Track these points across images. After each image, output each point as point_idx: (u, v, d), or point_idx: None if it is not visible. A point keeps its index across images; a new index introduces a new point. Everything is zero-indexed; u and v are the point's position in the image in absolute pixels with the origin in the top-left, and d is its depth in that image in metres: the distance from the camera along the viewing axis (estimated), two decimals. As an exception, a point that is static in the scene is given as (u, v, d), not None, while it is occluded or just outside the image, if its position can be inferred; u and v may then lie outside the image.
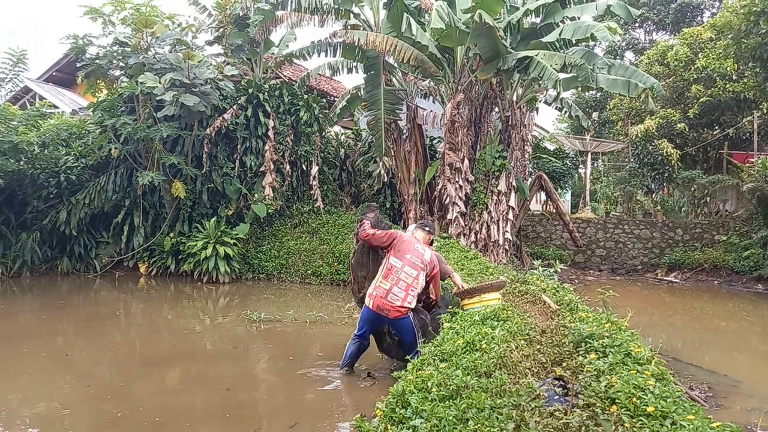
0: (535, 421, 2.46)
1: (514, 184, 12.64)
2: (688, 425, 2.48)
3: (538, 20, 12.44)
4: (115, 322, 9.10)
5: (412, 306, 5.44)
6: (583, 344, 3.87)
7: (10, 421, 4.69)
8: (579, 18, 11.80)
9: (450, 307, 5.85)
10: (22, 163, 12.41)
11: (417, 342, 5.39)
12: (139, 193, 12.82)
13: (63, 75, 19.53)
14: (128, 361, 6.76)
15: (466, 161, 12.41)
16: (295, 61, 15.08)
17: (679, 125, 19.21)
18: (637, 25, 29.68)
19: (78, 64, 12.95)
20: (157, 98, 11.74)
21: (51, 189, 12.75)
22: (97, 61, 12.58)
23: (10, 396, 5.28)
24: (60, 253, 13.17)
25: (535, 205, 19.50)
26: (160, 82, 11.52)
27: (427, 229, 6.01)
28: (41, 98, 18.13)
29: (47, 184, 12.75)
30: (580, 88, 14.99)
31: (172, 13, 13.17)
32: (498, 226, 12.38)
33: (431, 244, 6.21)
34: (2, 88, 11.97)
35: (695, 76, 18.86)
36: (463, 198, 12.39)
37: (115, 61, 12.81)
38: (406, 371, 3.83)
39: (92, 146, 13.04)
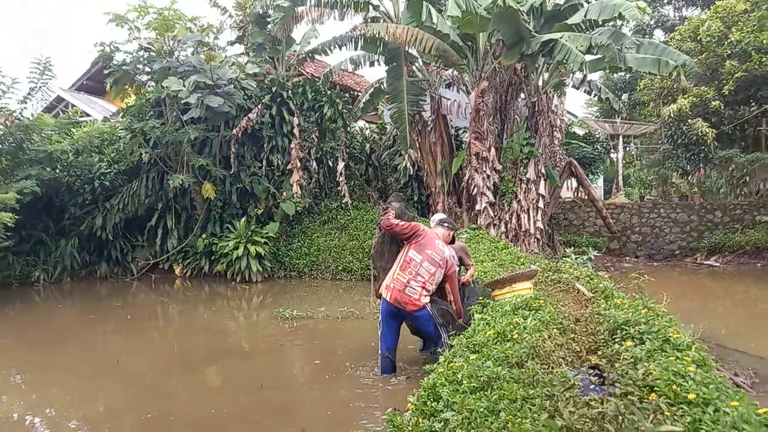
0: (570, 411, 2.38)
1: (543, 171, 12.42)
2: (732, 412, 2.36)
3: (561, 1, 12.15)
4: (154, 324, 9.30)
5: (428, 300, 5.33)
6: (618, 331, 3.74)
7: (58, 421, 4.83)
8: (604, -3, 11.47)
9: (480, 297, 5.76)
10: (57, 171, 12.76)
11: (440, 330, 5.32)
12: (170, 196, 13.04)
13: (93, 83, 20.01)
14: (167, 362, 6.89)
15: (493, 150, 12.24)
16: (317, 57, 15.10)
17: (713, 103, 18.52)
18: (665, 1, 28.75)
19: (105, 71, 13.21)
20: (183, 101, 11.90)
21: (86, 195, 13.08)
22: (124, 67, 12.80)
23: (57, 397, 5.44)
24: (98, 257, 13.50)
25: (566, 193, 19.13)
26: (184, 86, 11.68)
27: (446, 225, 5.90)
28: (74, 107, 18.63)
29: (82, 190, 13.09)
30: (608, 70, 14.59)
31: (194, 16, 13.33)
32: (528, 215, 12.19)
33: (453, 240, 6.10)
34: (33, 98, 12.26)
35: (729, 51, 18.14)
36: (491, 188, 12.23)
37: (140, 66, 13.03)
38: (437, 364, 3.78)
39: (123, 152, 13.31)
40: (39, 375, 6.26)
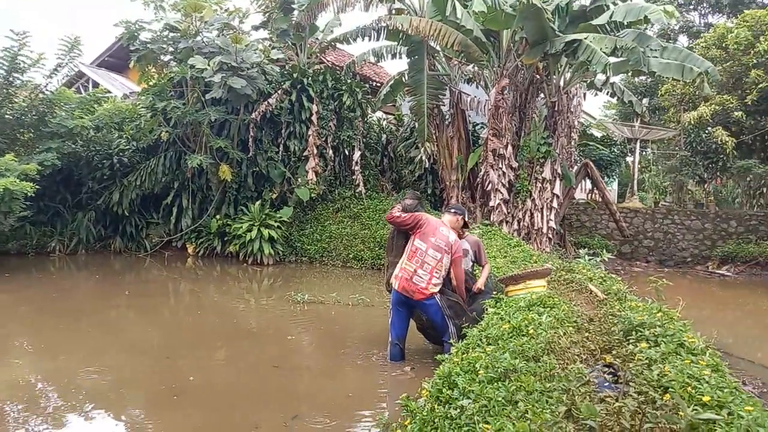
0: (586, 406, 2.44)
1: (559, 171, 12.41)
2: (747, 416, 2.41)
3: (587, 2, 12.08)
4: (165, 301, 9.44)
5: (437, 290, 5.41)
6: (633, 333, 3.79)
7: (66, 389, 4.95)
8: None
9: (494, 293, 5.81)
10: (77, 145, 12.91)
11: (447, 321, 5.40)
12: (187, 176, 13.16)
13: (115, 60, 20.15)
14: (178, 339, 6.99)
15: (510, 147, 12.24)
16: (339, 45, 15.12)
17: (735, 113, 18.37)
18: (691, 7, 28.37)
19: (130, 49, 13.31)
20: (206, 80, 11.99)
21: (105, 170, 13.26)
22: (149, 45, 12.88)
23: (66, 367, 5.56)
24: (113, 232, 13.69)
25: (580, 194, 19.08)
26: (209, 65, 11.76)
27: (453, 210, 6.00)
28: (94, 83, 18.79)
29: (101, 165, 13.27)
30: (630, 73, 14.50)
31: (220, -1, 13.38)
32: (542, 214, 12.21)
33: (465, 225, 6.16)
34: (58, 73, 12.43)
35: (755, 61, 17.94)
36: (506, 185, 12.25)
37: (165, 46, 13.11)
38: (450, 354, 3.84)
39: (143, 129, 13.44)
40: (51, 344, 6.37)
